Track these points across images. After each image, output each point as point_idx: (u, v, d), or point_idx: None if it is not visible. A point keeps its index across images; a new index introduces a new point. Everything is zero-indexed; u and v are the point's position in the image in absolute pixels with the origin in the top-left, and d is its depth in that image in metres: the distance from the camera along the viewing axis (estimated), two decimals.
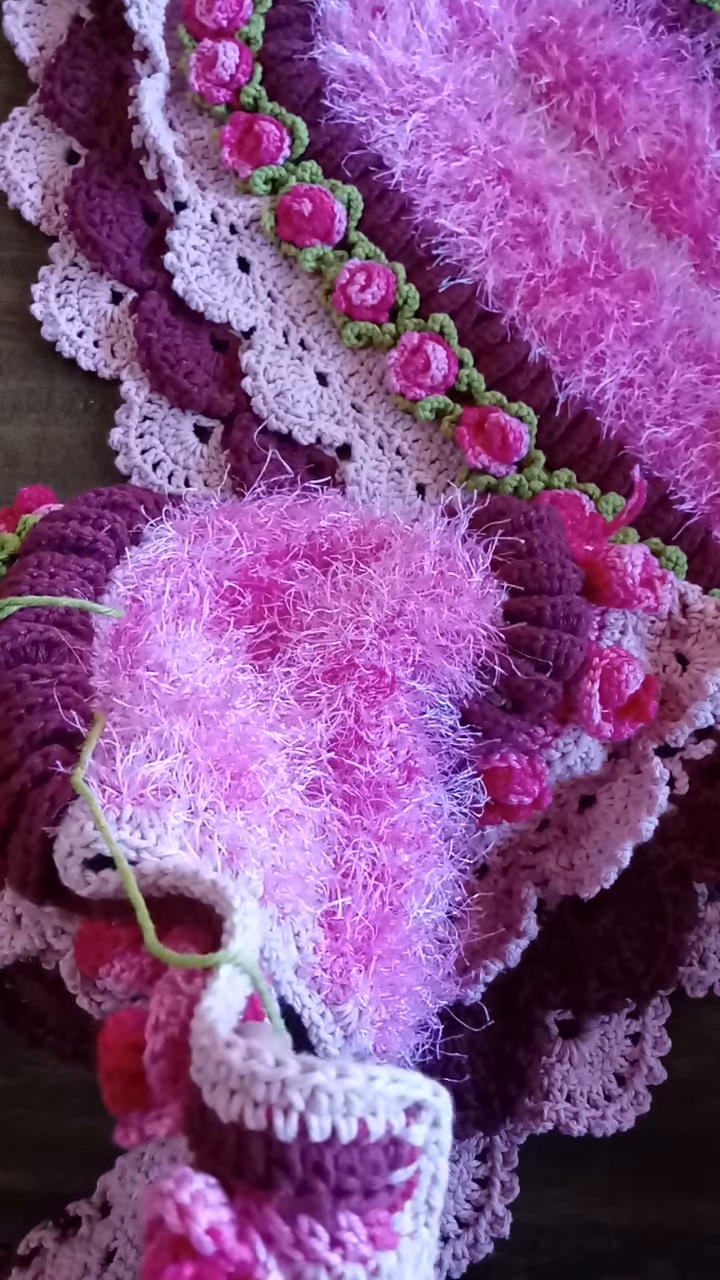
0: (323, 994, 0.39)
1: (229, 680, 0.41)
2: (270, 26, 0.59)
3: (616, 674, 0.45)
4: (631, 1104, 0.50)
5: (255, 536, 0.46)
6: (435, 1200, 0.29)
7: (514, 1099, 0.49)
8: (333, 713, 0.42)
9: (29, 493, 0.51)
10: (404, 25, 0.59)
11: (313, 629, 0.44)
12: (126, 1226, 0.46)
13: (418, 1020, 0.43)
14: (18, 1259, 0.46)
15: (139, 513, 0.47)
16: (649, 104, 0.60)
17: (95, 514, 0.46)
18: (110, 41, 0.60)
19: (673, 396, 0.56)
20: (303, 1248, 0.26)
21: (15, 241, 0.60)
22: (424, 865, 0.42)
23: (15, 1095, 0.51)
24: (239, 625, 0.45)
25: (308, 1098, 0.27)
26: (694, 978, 0.51)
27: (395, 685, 0.43)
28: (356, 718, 0.42)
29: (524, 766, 0.46)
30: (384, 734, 0.42)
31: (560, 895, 0.49)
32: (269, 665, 0.44)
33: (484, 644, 0.43)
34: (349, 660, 0.43)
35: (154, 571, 0.45)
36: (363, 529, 0.47)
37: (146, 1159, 0.46)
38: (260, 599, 0.46)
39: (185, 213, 0.58)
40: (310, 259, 0.57)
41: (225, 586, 0.45)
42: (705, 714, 0.47)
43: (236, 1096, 0.27)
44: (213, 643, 0.43)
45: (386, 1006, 0.41)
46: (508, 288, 0.57)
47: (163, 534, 0.46)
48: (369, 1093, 0.27)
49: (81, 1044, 0.44)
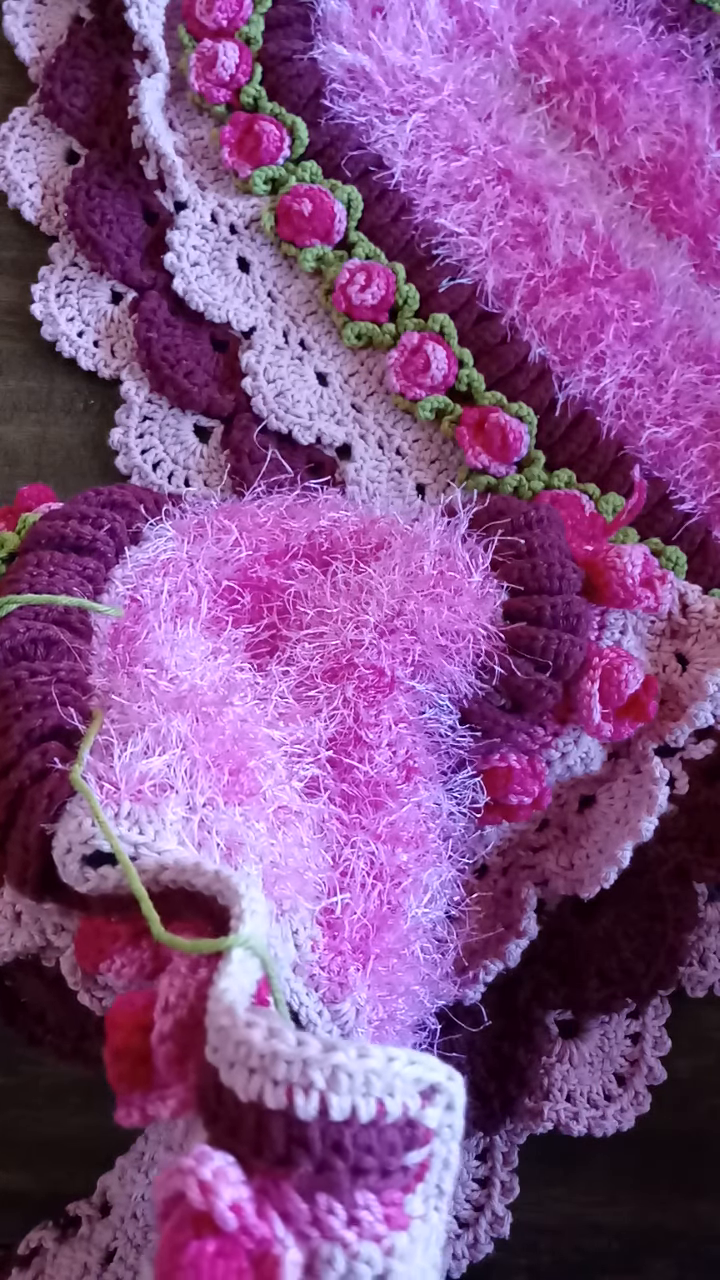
0: (320, 992, 0.39)
1: (227, 678, 0.41)
2: (270, 26, 0.59)
3: (616, 674, 0.45)
4: (631, 1104, 0.50)
5: (254, 536, 0.46)
6: (446, 1184, 0.30)
7: (514, 1099, 0.49)
8: (332, 712, 0.42)
9: (29, 491, 0.51)
10: (404, 25, 0.59)
11: (312, 628, 0.44)
12: (126, 1226, 0.46)
13: (415, 1020, 0.43)
14: (17, 1259, 0.46)
15: (139, 512, 0.47)
16: (649, 104, 0.60)
17: (95, 513, 0.46)
18: (110, 41, 0.60)
19: (673, 396, 0.56)
20: (320, 1225, 0.27)
21: (15, 241, 0.60)
22: (422, 865, 0.42)
23: (15, 1095, 0.51)
24: (238, 624, 0.45)
25: (329, 1077, 0.27)
26: (694, 978, 0.51)
27: (395, 685, 0.43)
28: (356, 717, 0.42)
29: (524, 766, 0.46)
30: (383, 733, 0.42)
31: (560, 895, 0.49)
32: (268, 664, 0.44)
33: (484, 644, 0.43)
34: (348, 660, 0.43)
35: (153, 571, 0.45)
36: (362, 529, 0.47)
37: (146, 1159, 0.46)
38: (259, 598, 0.46)
39: (185, 213, 0.58)
40: (310, 259, 0.57)
41: (224, 586, 0.45)
42: (705, 714, 0.47)
43: (256, 1076, 0.27)
44: (211, 641, 0.43)
45: (384, 1005, 0.41)
46: (508, 288, 0.57)
47: (162, 533, 0.47)
48: (388, 1073, 0.28)
49: (82, 1041, 0.44)
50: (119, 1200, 0.46)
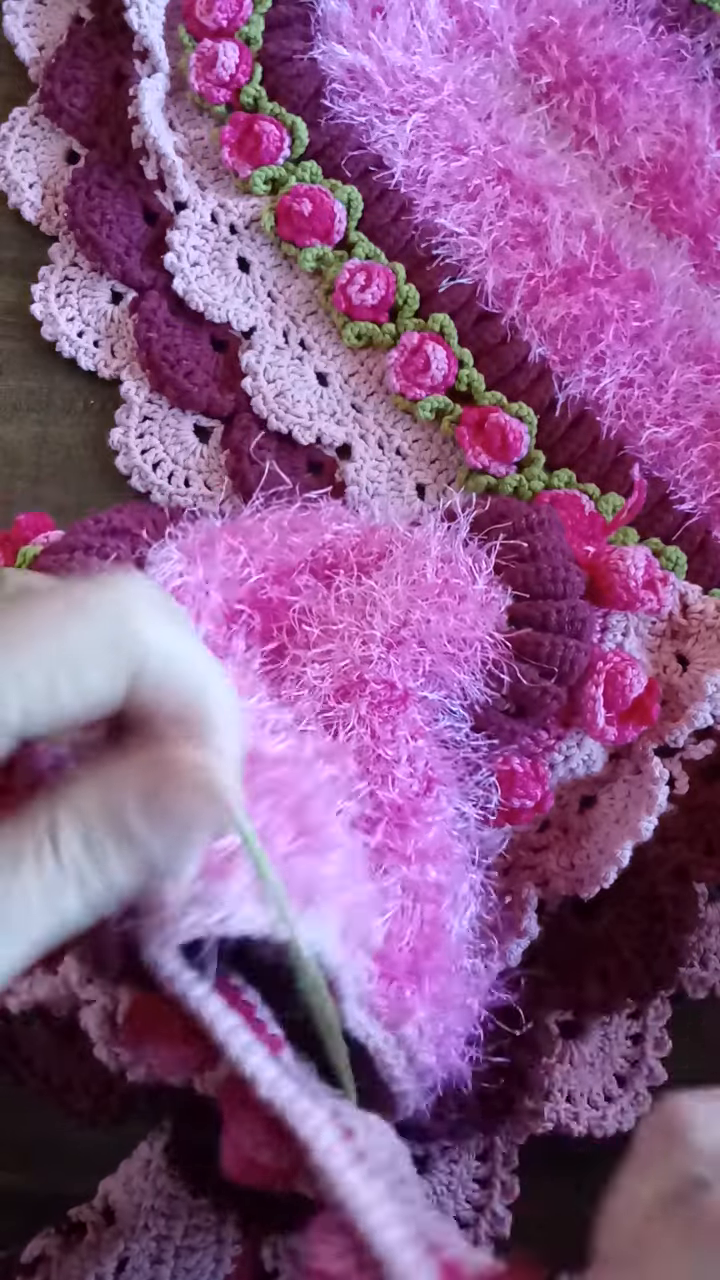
0: (382, 1020, 0.38)
1: (266, 722, 0.40)
2: (270, 26, 0.59)
3: (620, 678, 0.45)
4: (632, 1105, 0.50)
5: (262, 556, 0.45)
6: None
7: (514, 1099, 0.49)
8: (348, 733, 0.41)
9: (26, 521, 0.50)
10: (404, 25, 0.59)
11: (319, 646, 0.43)
12: (140, 1238, 0.45)
13: (468, 1031, 0.43)
14: (21, 1267, 0.45)
15: (140, 536, 0.46)
16: (649, 104, 0.60)
17: (98, 543, 0.45)
18: (110, 41, 0.60)
19: (673, 396, 0.56)
20: None
21: (15, 241, 0.60)
22: (454, 877, 0.42)
23: (15, 1094, 0.51)
24: (250, 646, 0.44)
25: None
26: (694, 979, 0.51)
27: (407, 698, 0.42)
28: (372, 734, 0.41)
29: (527, 770, 0.46)
30: (401, 748, 0.41)
31: (561, 895, 0.49)
32: (283, 689, 0.43)
33: (490, 651, 0.43)
34: (359, 676, 0.42)
35: None
36: (363, 539, 0.46)
37: (153, 1167, 0.45)
38: (269, 619, 0.45)
39: (185, 213, 0.58)
40: (310, 259, 0.57)
41: (237, 610, 0.45)
42: (704, 714, 0.47)
43: None
44: (241, 676, 0.42)
45: (441, 1023, 0.41)
46: (508, 288, 0.57)
47: (168, 557, 0.46)
48: None
49: (67, 1093, 0.44)
50: (125, 1209, 0.45)
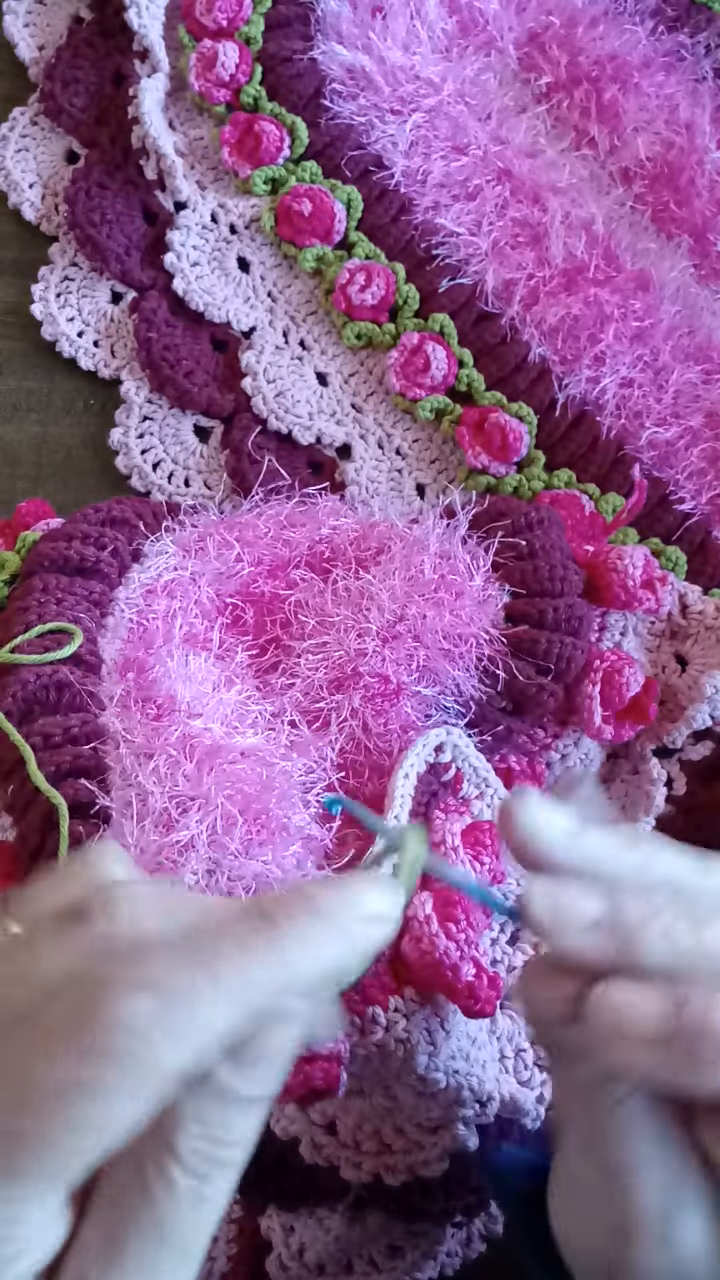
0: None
1: (239, 711, 0.41)
2: (270, 26, 0.59)
3: (617, 677, 0.45)
4: None
5: (256, 550, 0.45)
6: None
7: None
8: (340, 724, 0.42)
9: (27, 507, 0.51)
10: (404, 25, 0.59)
11: (315, 638, 0.44)
12: None
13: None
14: None
15: (138, 528, 0.47)
16: (649, 104, 0.60)
17: (96, 532, 0.45)
18: (110, 41, 0.60)
19: (673, 396, 0.56)
20: None
21: (15, 241, 0.60)
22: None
23: None
24: (241, 641, 0.44)
25: None
26: None
27: (401, 692, 0.42)
28: (364, 727, 0.42)
29: (524, 768, 0.46)
30: (393, 742, 0.42)
31: None
32: (273, 679, 0.44)
33: (486, 647, 0.43)
34: (353, 669, 0.42)
35: (157, 592, 0.45)
36: (361, 534, 0.46)
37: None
38: (262, 612, 0.45)
39: (185, 213, 0.58)
40: (310, 259, 0.57)
41: (228, 603, 0.45)
42: (703, 716, 0.47)
43: None
44: (220, 668, 0.43)
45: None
46: (508, 288, 0.57)
47: (163, 550, 0.46)
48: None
49: None
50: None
